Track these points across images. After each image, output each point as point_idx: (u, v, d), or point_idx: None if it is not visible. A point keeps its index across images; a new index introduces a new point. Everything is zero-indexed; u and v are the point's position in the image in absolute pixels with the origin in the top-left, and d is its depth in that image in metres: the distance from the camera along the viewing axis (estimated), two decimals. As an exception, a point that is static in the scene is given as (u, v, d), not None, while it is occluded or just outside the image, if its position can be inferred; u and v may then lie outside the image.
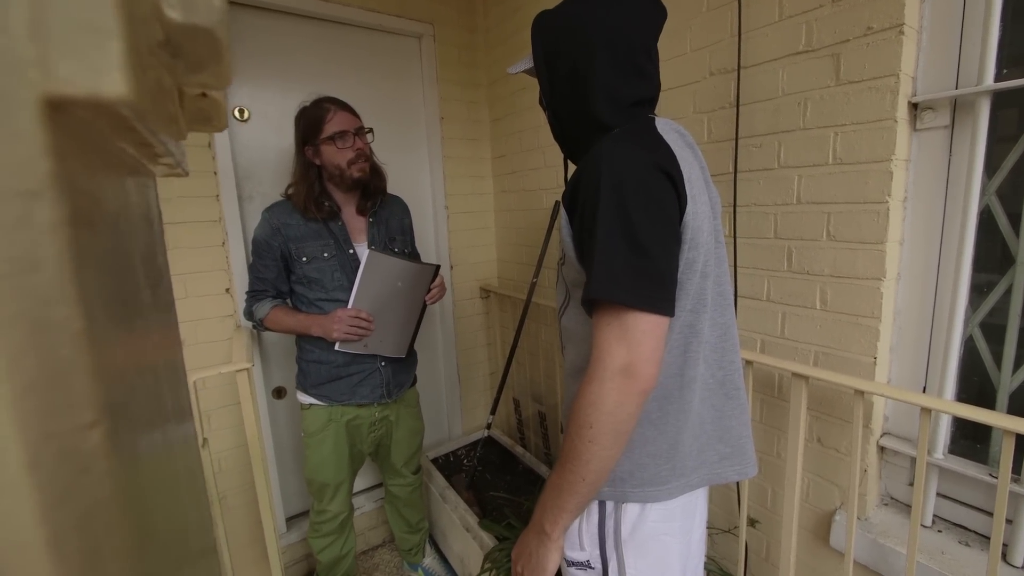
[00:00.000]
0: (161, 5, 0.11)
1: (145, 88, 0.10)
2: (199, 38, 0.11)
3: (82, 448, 0.10)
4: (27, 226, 0.09)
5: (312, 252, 1.28)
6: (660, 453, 0.72)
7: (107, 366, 0.11)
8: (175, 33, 0.11)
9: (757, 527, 1.24)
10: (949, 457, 0.96)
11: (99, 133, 0.11)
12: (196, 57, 0.11)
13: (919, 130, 0.93)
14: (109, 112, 0.10)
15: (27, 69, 0.09)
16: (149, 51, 0.10)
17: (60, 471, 0.09)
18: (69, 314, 0.09)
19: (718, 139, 1.19)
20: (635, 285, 0.60)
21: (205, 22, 0.11)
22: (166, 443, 0.18)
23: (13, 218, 0.08)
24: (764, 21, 1.06)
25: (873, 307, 0.96)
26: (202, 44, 0.11)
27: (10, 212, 0.08)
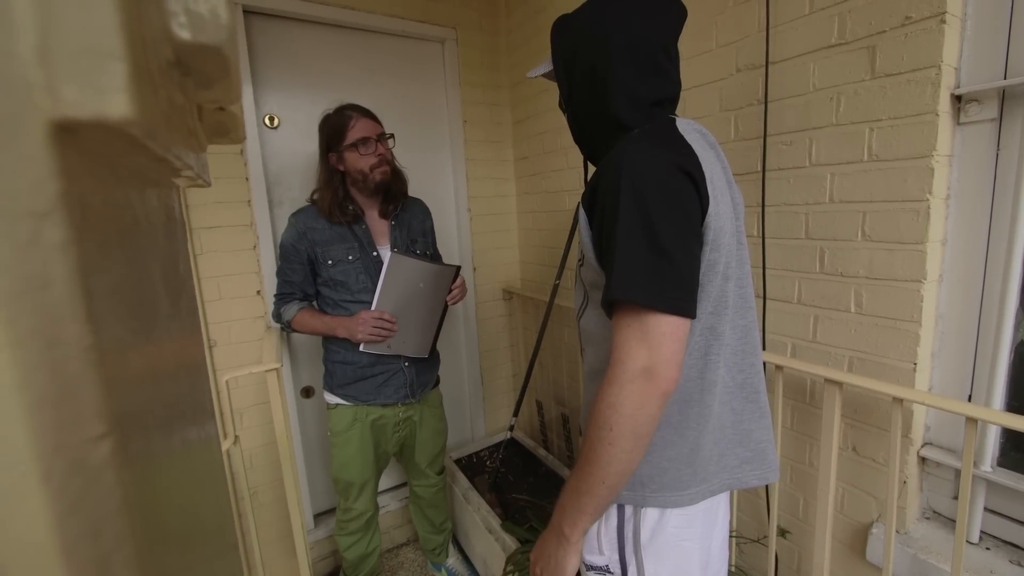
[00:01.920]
0: (171, 25, 0.11)
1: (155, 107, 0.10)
2: (208, 56, 0.11)
3: (92, 459, 0.10)
4: (37, 246, 0.09)
5: (337, 255, 1.31)
6: (680, 457, 0.71)
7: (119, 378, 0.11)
8: (185, 52, 0.11)
9: (788, 538, 1.20)
10: (998, 470, 0.90)
11: (111, 151, 0.12)
12: (206, 74, 0.12)
13: (963, 124, 0.88)
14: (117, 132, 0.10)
15: (34, 93, 0.09)
16: (159, 70, 0.11)
17: (71, 482, 0.10)
18: (79, 331, 0.10)
19: (746, 137, 1.15)
20: (656, 286, 0.59)
21: (213, 41, 0.11)
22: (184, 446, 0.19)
23: (24, 238, 0.09)
24: (793, 15, 1.02)
25: (913, 310, 0.91)
26: (211, 62, 0.12)
27: (21, 233, 0.09)
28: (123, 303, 0.13)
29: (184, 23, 0.11)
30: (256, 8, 1.56)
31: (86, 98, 0.09)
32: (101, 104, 0.10)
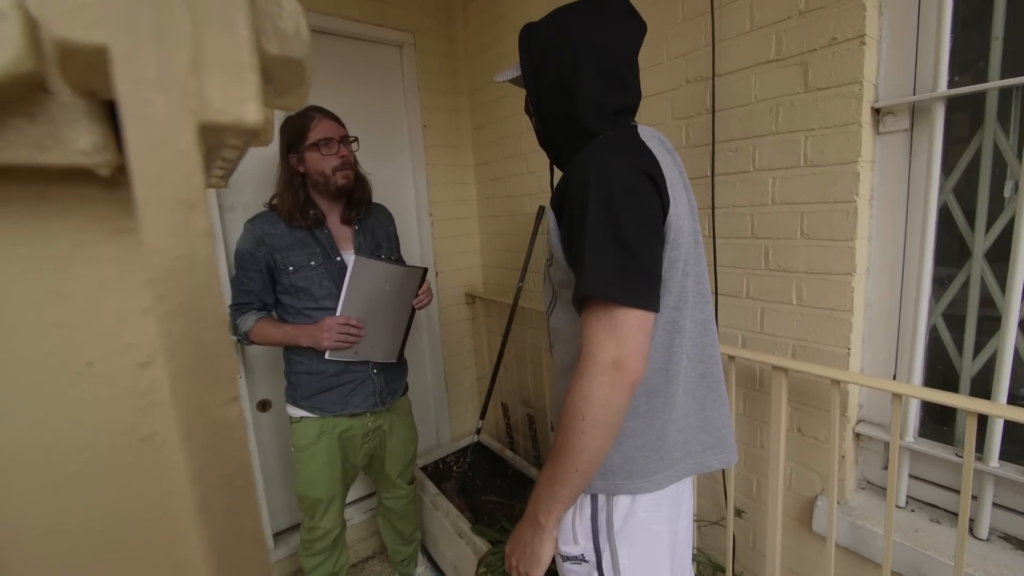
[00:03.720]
0: (262, 41, 0.12)
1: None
2: (290, 67, 0.13)
3: (226, 419, 0.11)
4: (186, 232, 0.10)
5: (299, 261, 1.27)
6: (648, 445, 0.75)
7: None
8: (270, 63, 0.13)
9: (744, 517, 1.28)
10: (919, 440, 1.02)
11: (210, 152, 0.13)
12: (285, 83, 0.13)
13: (882, 133, 0.99)
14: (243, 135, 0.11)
15: (189, 100, 0.10)
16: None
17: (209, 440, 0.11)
18: (217, 304, 0.11)
19: (696, 144, 1.24)
20: (624, 282, 0.63)
21: (296, 54, 0.13)
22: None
23: (177, 225, 0.10)
24: (736, 31, 1.11)
25: (845, 301, 1.01)
26: (292, 72, 0.13)
27: (177, 220, 0.10)
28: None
29: (272, 38, 0.12)
30: (202, 5, 1.49)
31: (229, 105, 0.11)
32: (240, 111, 0.11)
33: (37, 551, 0.15)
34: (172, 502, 0.16)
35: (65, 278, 0.14)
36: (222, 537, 0.11)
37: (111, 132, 0.13)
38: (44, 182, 0.13)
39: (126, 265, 0.15)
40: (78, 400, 0.15)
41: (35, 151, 0.12)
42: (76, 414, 0.15)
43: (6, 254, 0.13)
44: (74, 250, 0.14)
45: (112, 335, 0.15)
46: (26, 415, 0.14)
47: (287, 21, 0.12)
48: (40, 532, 0.15)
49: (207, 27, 0.10)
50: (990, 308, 0.94)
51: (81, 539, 0.15)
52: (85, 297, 0.14)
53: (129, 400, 0.15)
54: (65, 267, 0.14)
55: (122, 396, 0.15)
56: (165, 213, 0.10)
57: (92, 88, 0.11)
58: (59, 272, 0.14)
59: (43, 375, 0.14)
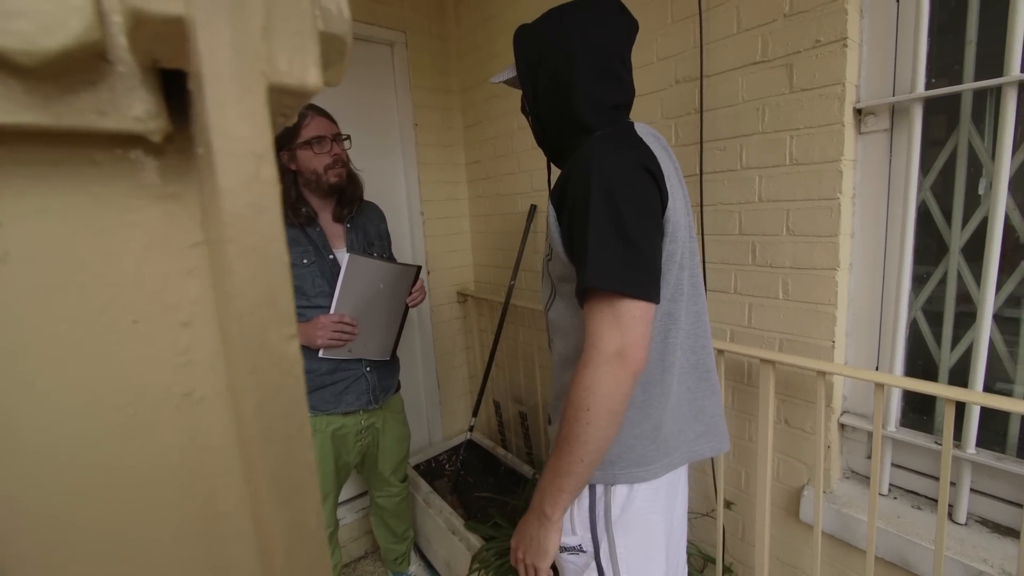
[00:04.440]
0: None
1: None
2: (333, 43, 0.14)
3: (287, 355, 0.12)
4: (257, 180, 0.11)
5: (290, 259, 1.27)
6: (645, 435, 0.77)
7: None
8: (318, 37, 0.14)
9: (733, 508, 1.31)
10: (901, 429, 1.05)
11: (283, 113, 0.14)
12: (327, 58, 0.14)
13: (863, 133, 1.03)
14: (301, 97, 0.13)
15: (260, 62, 0.11)
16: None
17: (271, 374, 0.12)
18: (281, 248, 0.12)
19: (685, 143, 1.26)
20: (626, 274, 0.65)
21: (338, 31, 0.14)
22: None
23: (250, 174, 0.11)
24: (724, 33, 1.14)
25: (830, 295, 1.04)
26: (334, 48, 0.14)
27: (249, 169, 0.11)
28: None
29: (319, 15, 0.13)
30: (192, 1, 1.48)
31: (294, 68, 0.12)
32: (304, 75, 0.12)
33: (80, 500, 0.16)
34: (209, 458, 0.17)
35: (114, 239, 0.15)
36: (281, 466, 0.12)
37: (163, 101, 0.14)
38: (97, 146, 0.14)
39: (171, 229, 0.15)
40: (123, 356, 0.16)
41: (96, 117, 0.13)
42: (121, 369, 0.16)
43: (60, 215, 0.14)
44: (123, 213, 0.15)
45: (156, 295, 0.16)
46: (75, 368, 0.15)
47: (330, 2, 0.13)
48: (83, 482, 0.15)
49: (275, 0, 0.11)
50: (967, 302, 0.98)
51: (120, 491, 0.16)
52: (132, 258, 0.15)
53: (170, 357, 0.16)
54: (114, 229, 0.15)
55: (163, 354, 0.16)
56: (239, 163, 0.11)
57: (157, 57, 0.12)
58: (108, 234, 0.15)
59: (91, 331, 0.15)
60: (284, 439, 0.12)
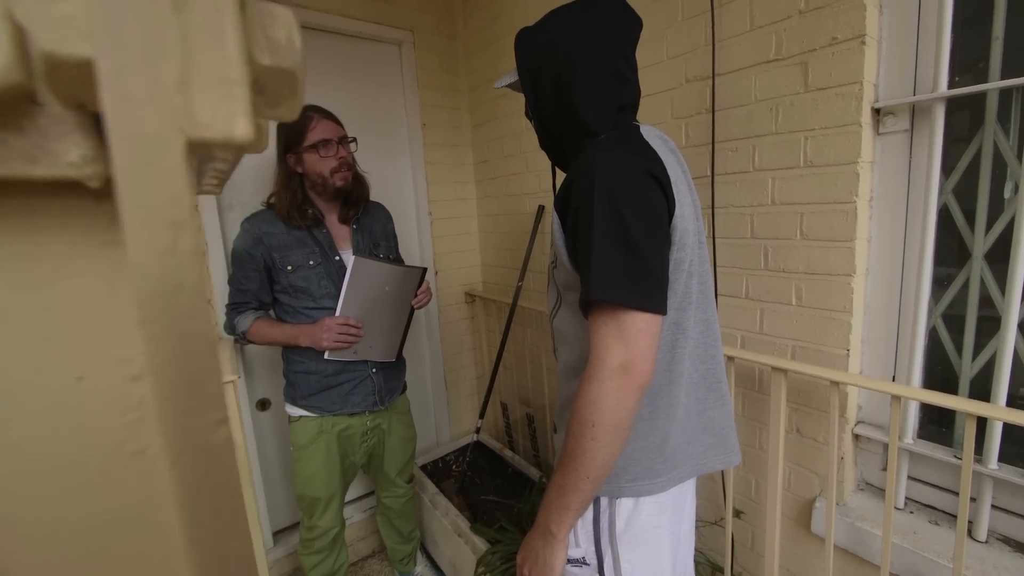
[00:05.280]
0: (254, 51, 0.12)
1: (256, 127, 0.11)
2: (283, 78, 0.12)
3: (213, 443, 0.11)
4: (175, 252, 0.10)
5: (297, 261, 1.27)
6: (652, 447, 0.75)
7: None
8: (262, 74, 0.12)
9: (742, 518, 1.28)
10: (918, 442, 1.02)
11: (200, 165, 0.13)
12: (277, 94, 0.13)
13: (882, 134, 0.99)
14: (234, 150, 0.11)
15: (176, 117, 0.10)
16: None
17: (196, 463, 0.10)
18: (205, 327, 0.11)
19: (696, 143, 1.23)
20: (631, 285, 0.63)
21: (289, 64, 0.12)
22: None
23: (165, 246, 0.10)
24: (736, 31, 1.10)
25: (845, 302, 1.01)
26: (284, 83, 0.13)
27: (164, 240, 0.10)
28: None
29: (264, 48, 0.12)
30: (201, 3, 1.48)
31: (218, 121, 0.10)
32: (230, 127, 0.11)
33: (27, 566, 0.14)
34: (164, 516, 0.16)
35: (55, 292, 0.14)
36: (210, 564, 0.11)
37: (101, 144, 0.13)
38: (33, 195, 0.13)
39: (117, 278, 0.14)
40: (68, 415, 0.15)
41: (25, 164, 0.12)
42: (66, 429, 0.15)
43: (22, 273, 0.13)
44: (64, 263, 0.14)
45: (102, 349, 0.15)
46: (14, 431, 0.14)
47: (279, 31, 0.12)
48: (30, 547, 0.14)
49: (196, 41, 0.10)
50: (989, 309, 0.94)
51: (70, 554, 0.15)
52: (75, 311, 0.14)
53: (120, 414, 0.15)
54: (55, 281, 0.14)
55: (113, 410, 0.15)
56: (152, 233, 0.10)
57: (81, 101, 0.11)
58: (48, 287, 0.14)
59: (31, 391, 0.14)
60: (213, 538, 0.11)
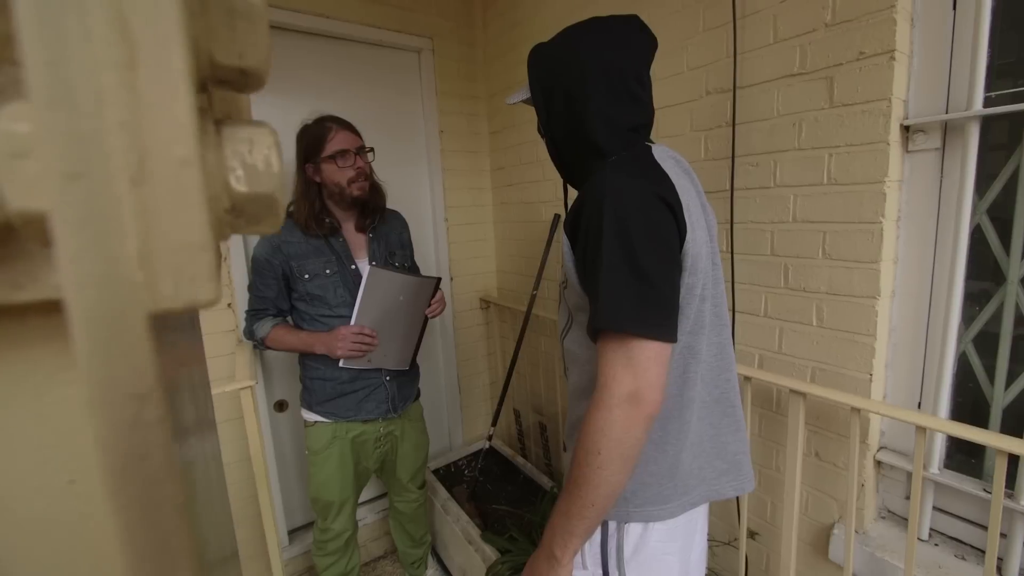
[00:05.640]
0: (229, 180, 0.12)
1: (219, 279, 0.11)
2: (261, 201, 0.12)
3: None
4: (138, 425, 0.10)
5: (314, 269, 1.29)
6: (662, 472, 0.74)
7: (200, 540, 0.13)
8: (241, 200, 0.12)
9: (757, 539, 1.25)
10: (944, 472, 0.98)
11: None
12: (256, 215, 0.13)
13: (911, 152, 0.95)
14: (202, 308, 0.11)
15: (137, 292, 0.10)
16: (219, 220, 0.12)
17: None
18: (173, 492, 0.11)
19: (715, 157, 1.21)
20: (640, 314, 0.62)
21: (267, 189, 0.12)
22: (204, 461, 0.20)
23: (127, 419, 0.10)
24: (759, 43, 1.08)
25: (868, 325, 0.97)
26: (262, 205, 0.13)
27: (125, 415, 0.10)
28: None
29: (241, 176, 0.12)
30: (226, 15, 1.52)
31: (180, 290, 0.10)
32: (193, 293, 0.11)
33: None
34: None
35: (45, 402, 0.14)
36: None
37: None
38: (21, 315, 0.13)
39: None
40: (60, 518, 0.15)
41: (11, 291, 0.12)
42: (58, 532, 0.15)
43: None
44: (54, 373, 0.14)
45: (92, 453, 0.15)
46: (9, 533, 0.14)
47: (257, 156, 0.12)
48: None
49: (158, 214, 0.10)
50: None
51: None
52: (66, 417, 0.15)
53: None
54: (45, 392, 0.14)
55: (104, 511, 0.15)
56: (115, 411, 0.10)
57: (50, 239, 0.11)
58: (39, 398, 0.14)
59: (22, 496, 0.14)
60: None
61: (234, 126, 0.12)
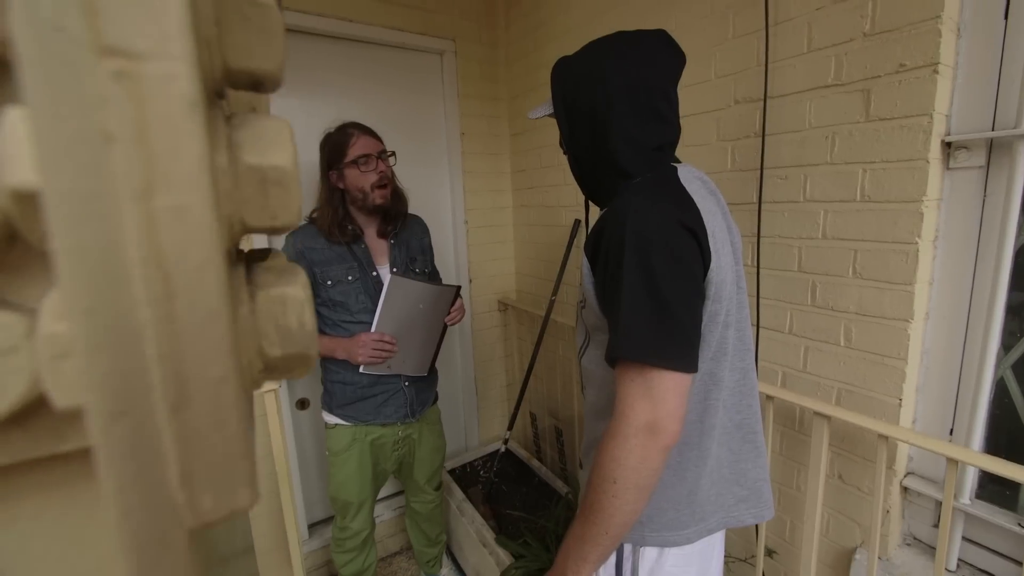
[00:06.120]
0: (263, 346, 0.12)
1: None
2: (295, 360, 0.13)
3: None
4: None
5: (336, 275, 1.31)
6: (679, 498, 0.73)
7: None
8: (274, 361, 0.13)
9: (775, 558, 1.24)
10: (976, 503, 0.94)
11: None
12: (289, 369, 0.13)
13: (952, 169, 0.91)
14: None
15: (179, 511, 0.10)
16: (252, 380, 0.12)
17: None
18: None
19: (742, 168, 1.17)
20: (659, 344, 0.61)
21: (301, 349, 0.13)
22: None
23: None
24: (792, 52, 1.04)
25: (900, 348, 0.94)
26: (296, 362, 0.13)
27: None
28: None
29: (275, 340, 0.12)
30: (253, 20, 1.54)
31: (220, 502, 0.11)
32: (232, 503, 0.11)
33: None
34: None
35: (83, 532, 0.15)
36: None
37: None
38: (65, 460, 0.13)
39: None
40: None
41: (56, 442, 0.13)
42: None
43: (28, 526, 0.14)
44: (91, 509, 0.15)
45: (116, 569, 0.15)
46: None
47: (291, 317, 0.12)
48: None
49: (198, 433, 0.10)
50: (1070, 362, 0.86)
51: None
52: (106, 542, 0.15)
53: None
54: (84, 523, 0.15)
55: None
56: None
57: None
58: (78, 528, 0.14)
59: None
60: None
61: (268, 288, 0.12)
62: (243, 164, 0.11)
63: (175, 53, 0.09)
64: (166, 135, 0.09)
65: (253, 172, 0.11)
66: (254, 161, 0.11)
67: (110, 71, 0.09)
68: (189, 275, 0.09)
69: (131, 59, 0.09)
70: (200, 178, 0.09)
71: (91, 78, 0.09)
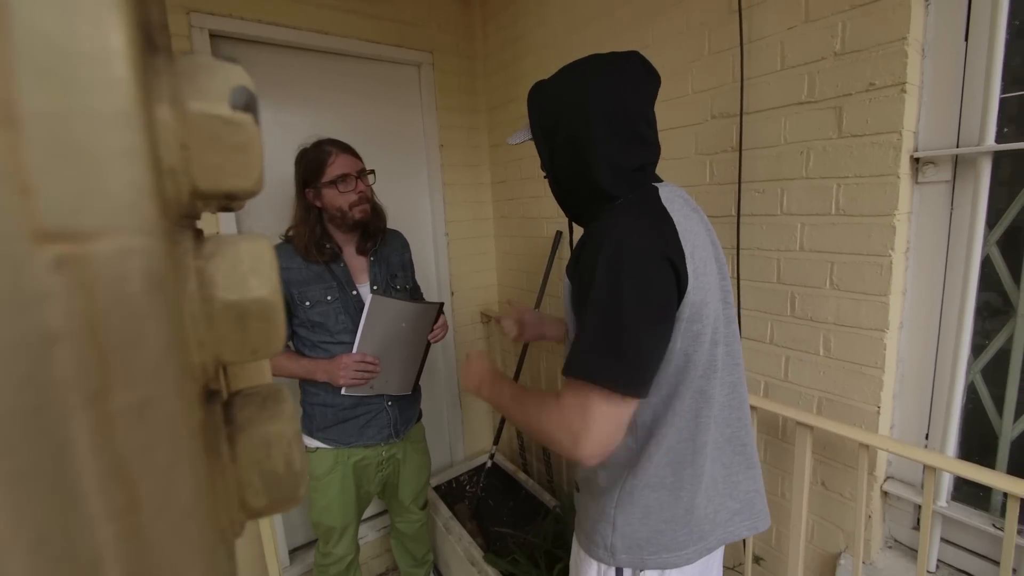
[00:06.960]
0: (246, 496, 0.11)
1: None
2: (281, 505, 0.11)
3: None
4: None
5: (315, 296, 1.27)
6: (676, 519, 0.73)
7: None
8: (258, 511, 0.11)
9: (762, 564, 1.25)
10: (952, 505, 0.97)
11: None
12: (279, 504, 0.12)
13: (920, 183, 0.94)
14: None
15: None
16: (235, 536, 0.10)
17: None
18: None
19: (721, 182, 1.19)
20: (602, 364, 0.62)
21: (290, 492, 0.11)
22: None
23: None
24: (766, 69, 1.06)
25: (876, 358, 0.97)
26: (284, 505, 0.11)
27: None
28: None
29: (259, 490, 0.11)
30: (224, 33, 1.50)
31: None
32: None
33: None
34: None
35: None
36: None
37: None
38: None
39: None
40: None
41: None
42: None
43: None
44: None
45: None
46: None
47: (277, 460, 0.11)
48: None
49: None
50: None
51: None
52: None
53: None
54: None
55: None
56: None
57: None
58: None
59: None
60: None
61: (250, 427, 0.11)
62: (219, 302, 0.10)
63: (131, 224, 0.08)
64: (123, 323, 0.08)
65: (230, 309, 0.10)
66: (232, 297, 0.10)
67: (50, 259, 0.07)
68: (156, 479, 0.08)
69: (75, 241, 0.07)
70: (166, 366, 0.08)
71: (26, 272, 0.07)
